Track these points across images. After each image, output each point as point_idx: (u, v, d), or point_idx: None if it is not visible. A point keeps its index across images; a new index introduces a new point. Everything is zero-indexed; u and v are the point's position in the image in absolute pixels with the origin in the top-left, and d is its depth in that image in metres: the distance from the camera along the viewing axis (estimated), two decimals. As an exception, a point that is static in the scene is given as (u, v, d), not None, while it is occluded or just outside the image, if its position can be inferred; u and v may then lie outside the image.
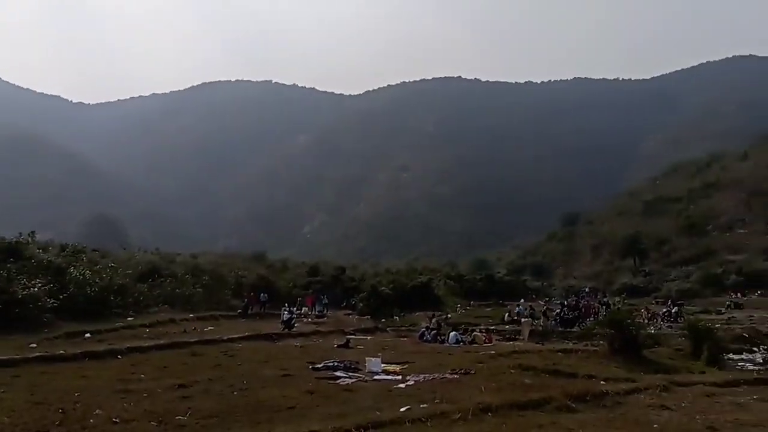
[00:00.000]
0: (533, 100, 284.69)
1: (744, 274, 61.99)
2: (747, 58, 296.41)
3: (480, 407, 10.22)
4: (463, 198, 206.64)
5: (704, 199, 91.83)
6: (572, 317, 35.66)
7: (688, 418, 9.98)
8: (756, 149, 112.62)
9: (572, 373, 14.72)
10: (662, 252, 78.83)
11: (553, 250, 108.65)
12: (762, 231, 74.33)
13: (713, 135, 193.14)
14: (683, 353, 24.05)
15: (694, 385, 13.43)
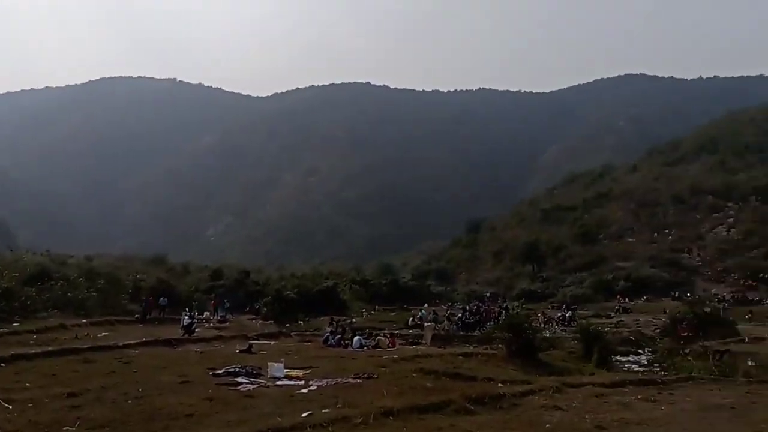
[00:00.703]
0: (440, 109, 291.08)
1: (632, 280, 65.67)
2: (637, 77, 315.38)
3: (382, 411, 10.32)
4: (370, 203, 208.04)
5: (597, 208, 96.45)
6: (473, 321, 36.60)
7: (578, 418, 10.45)
8: (644, 162, 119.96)
9: (472, 376, 15.12)
10: (559, 259, 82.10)
11: (457, 256, 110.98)
12: (648, 239, 78.95)
13: (606, 148, 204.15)
14: (576, 355, 25.19)
15: (585, 386, 14.08)
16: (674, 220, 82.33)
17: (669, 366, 23.36)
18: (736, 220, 77.01)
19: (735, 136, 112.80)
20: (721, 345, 27.57)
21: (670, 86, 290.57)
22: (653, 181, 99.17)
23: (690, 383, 15.50)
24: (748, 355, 24.52)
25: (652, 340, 33.73)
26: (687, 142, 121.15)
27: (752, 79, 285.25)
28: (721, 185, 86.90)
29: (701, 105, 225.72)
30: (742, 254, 68.29)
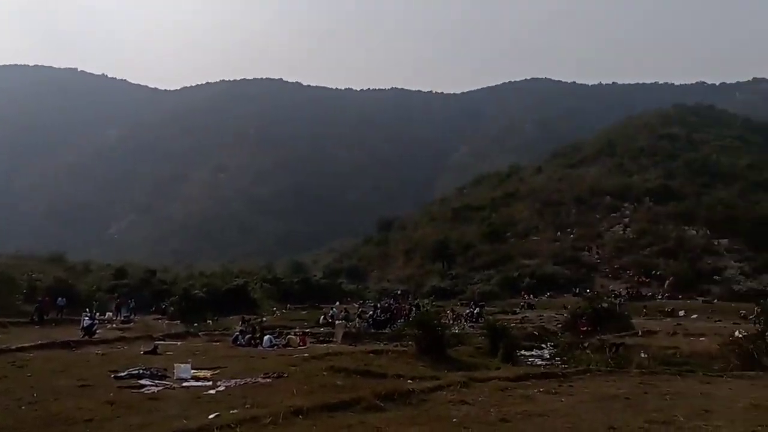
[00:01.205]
0: (353, 108, 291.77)
1: (536, 277, 68.12)
2: (543, 81, 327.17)
3: (291, 410, 10.25)
4: (281, 200, 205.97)
5: (505, 208, 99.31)
6: (384, 319, 36.89)
7: (484, 411, 10.75)
8: (549, 164, 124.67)
9: (382, 374, 15.26)
10: (468, 257, 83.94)
11: (369, 254, 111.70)
12: (552, 238, 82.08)
13: (514, 149, 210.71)
14: (483, 351, 25.86)
15: (490, 380, 14.49)
16: (576, 219, 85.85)
17: (569, 359, 24.38)
18: (632, 220, 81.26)
19: (631, 140, 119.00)
20: (616, 338, 29.09)
21: (572, 91, 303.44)
22: (557, 182, 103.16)
23: (588, 375, 16.22)
24: (641, 348, 26.00)
25: (555, 334, 35.10)
26: (588, 145, 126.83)
27: (647, 86, 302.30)
28: (618, 187, 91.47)
29: (601, 109, 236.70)
30: (636, 252, 72.06)
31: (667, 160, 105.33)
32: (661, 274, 65.20)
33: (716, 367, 18.45)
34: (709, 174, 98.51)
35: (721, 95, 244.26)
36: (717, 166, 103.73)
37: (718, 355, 20.11)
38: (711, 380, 15.10)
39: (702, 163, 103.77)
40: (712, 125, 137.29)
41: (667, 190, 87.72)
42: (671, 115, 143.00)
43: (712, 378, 15.56)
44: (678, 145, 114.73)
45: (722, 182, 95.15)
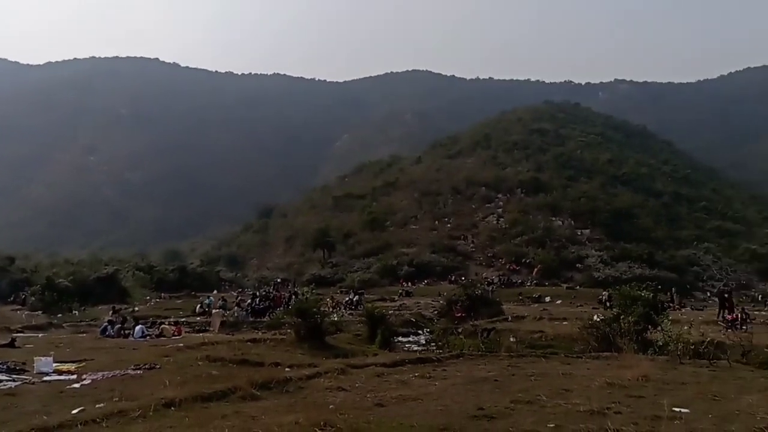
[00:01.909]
0: (233, 91, 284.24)
1: (414, 265, 69.66)
2: (423, 73, 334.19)
3: (163, 402, 9.91)
4: (156, 185, 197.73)
5: (385, 196, 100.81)
6: (263, 307, 36.52)
7: (360, 397, 10.90)
8: (428, 154, 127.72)
9: (260, 362, 15.09)
10: (348, 245, 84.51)
11: (249, 241, 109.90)
12: (430, 227, 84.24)
13: (395, 139, 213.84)
14: (361, 338, 26.22)
15: (368, 366, 14.70)
16: (452, 209, 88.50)
17: (444, 344, 25.18)
18: (504, 211, 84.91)
19: (505, 134, 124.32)
20: (488, 324, 30.44)
21: (452, 84, 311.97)
22: (435, 173, 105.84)
23: (461, 359, 16.84)
24: (511, 332, 27.35)
25: (431, 321, 36.21)
26: (465, 137, 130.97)
27: (521, 82, 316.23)
28: (492, 178, 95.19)
29: (478, 103, 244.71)
30: (508, 241, 75.39)
31: (538, 153, 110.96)
32: (530, 262, 68.62)
33: (576, 349, 19.74)
34: (574, 168, 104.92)
35: (586, 94, 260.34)
36: (581, 160, 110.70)
37: (579, 338, 21.46)
38: (571, 361, 16.12)
39: (568, 158, 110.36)
40: (578, 122, 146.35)
41: (537, 182, 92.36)
42: (542, 111, 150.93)
43: (572, 359, 16.63)
44: (547, 140, 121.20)
45: (586, 176, 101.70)
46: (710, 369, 14.22)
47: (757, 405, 9.30)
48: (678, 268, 68.70)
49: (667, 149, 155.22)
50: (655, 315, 19.19)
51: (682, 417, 8.69)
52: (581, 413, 9.06)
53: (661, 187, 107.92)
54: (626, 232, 77.90)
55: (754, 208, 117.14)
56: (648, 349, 17.26)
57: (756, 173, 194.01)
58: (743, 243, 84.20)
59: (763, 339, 18.05)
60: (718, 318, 29.34)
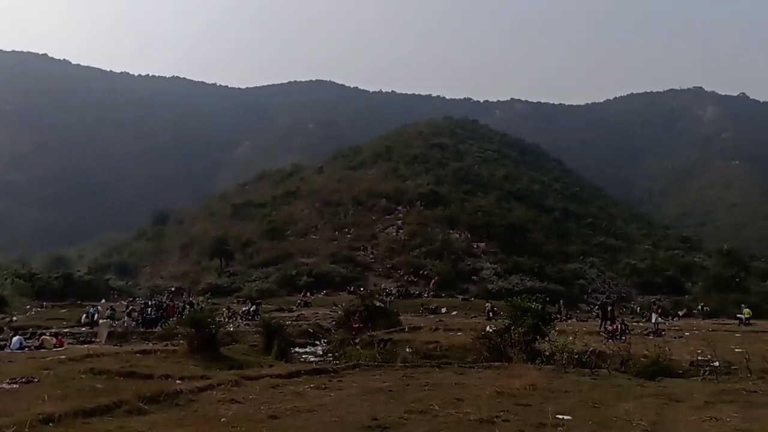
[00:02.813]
0: (129, 93, 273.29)
1: (314, 276, 69.22)
2: (327, 83, 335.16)
3: (40, 418, 9.33)
4: (41, 187, 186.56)
5: (285, 206, 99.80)
6: (155, 317, 35.24)
7: (254, 409, 10.72)
8: (330, 164, 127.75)
9: (149, 375, 14.54)
10: (246, 254, 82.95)
11: (141, 249, 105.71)
12: (330, 237, 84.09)
13: (297, 148, 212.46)
14: (257, 349, 25.78)
15: (263, 378, 14.48)
16: (353, 220, 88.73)
17: (341, 355, 25.19)
18: (404, 222, 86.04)
19: (406, 147, 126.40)
20: (385, 334, 30.69)
21: (355, 95, 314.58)
22: (337, 183, 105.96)
23: (357, 370, 16.90)
24: (407, 343, 27.71)
25: (329, 331, 36.11)
26: (367, 149, 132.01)
27: (422, 97, 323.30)
28: (393, 190, 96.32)
29: (380, 115, 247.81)
30: (407, 253, 76.30)
31: (437, 167, 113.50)
32: (428, 274, 69.74)
33: (469, 359, 20.26)
34: (471, 182, 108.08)
35: (484, 112, 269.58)
36: (479, 175, 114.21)
37: (472, 348, 22.04)
38: (464, 371, 16.55)
39: (466, 172, 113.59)
40: (476, 138, 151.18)
41: (436, 195, 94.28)
42: (442, 126, 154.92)
43: (465, 369, 17.06)
44: (447, 154, 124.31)
45: (482, 191, 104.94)
46: (592, 377, 14.99)
47: (633, 411, 9.89)
48: (565, 281, 72.03)
49: (558, 167, 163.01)
50: (543, 326, 19.98)
51: (565, 424, 9.11)
52: (471, 422, 9.31)
53: (552, 204, 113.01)
54: (519, 245, 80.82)
55: (634, 225, 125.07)
56: (536, 358, 17.98)
57: (636, 193, 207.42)
58: (624, 258, 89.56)
59: (640, 349, 19.18)
60: (600, 329, 30.94)
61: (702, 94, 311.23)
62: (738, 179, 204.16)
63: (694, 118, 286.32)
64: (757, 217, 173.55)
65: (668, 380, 15.31)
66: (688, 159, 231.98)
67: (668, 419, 9.62)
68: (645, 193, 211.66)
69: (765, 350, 18.24)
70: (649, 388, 13.47)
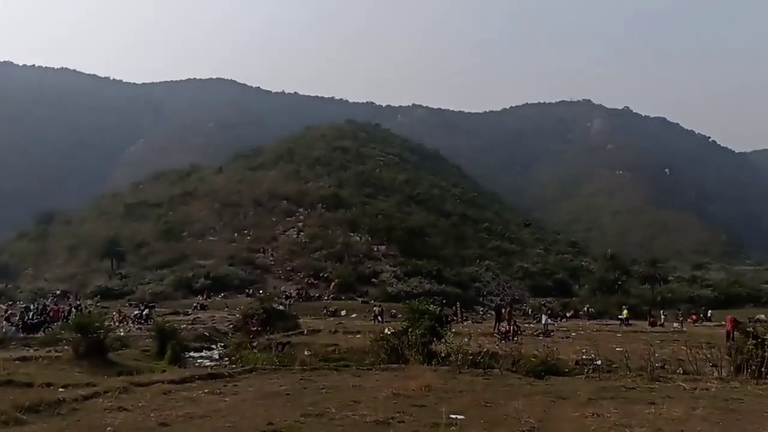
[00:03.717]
0: (13, 85, 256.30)
1: (212, 278, 67.51)
2: (228, 82, 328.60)
3: None
4: None
5: (183, 206, 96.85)
6: (38, 322, 33.26)
7: (143, 417, 10.31)
8: (230, 165, 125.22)
9: (28, 383, 13.66)
10: (140, 255, 79.91)
11: (24, 250, 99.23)
12: (229, 239, 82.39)
13: (195, 148, 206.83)
14: (149, 354, 24.87)
15: (154, 384, 13.95)
16: (253, 221, 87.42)
17: (237, 359, 24.72)
18: (305, 225, 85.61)
19: (308, 149, 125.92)
20: (284, 337, 30.43)
21: (257, 96, 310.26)
22: (237, 184, 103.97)
23: (254, 374, 16.61)
24: (306, 346, 27.58)
25: (226, 335, 35.35)
26: (268, 150, 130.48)
27: (325, 99, 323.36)
28: (294, 192, 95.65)
29: (282, 117, 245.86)
30: (307, 255, 76.01)
31: (339, 170, 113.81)
32: (328, 277, 69.74)
33: (367, 361, 20.38)
34: (373, 186, 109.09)
35: (386, 116, 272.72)
36: (380, 179, 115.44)
37: (370, 350, 22.19)
38: (362, 373, 16.61)
39: (368, 176, 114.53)
40: (378, 142, 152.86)
41: (337, 198, 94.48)
42: (345, 129, 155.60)
43: (363, 371, 17.13)
44: (349, 158, 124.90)
45: (383, 194, 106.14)
46: (485, 377, 15.45)
47: (522, 409, 10.27)
48: (462, 283, 74.08)
49: (457, 173, 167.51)
50: (440, 328, 20.40)
51: (458, 423, 9.33)
52: (368, 424, 9.37)
53: (451, 209, 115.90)
54: (418, 249, 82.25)
55: (527, 230, 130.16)
56: (432, 360, 18.32)
57: (530, 199, 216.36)
58: (518, 262, 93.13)
59: (531, 349, 19.98)
60: (494, 330, 31.98)
61: (590, 107, 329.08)
62: (622, 188, 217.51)
63: (583, 129, 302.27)
64: (639, 224, 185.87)
65: (555, 379, 16.00)
66: (577, 168, 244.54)
67: (554, 416, 10.06)
68: (537, 200, 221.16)
69: (642, 349, 19.45)
70: (538, 387, 14.03)
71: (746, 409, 10.65)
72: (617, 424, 9.22)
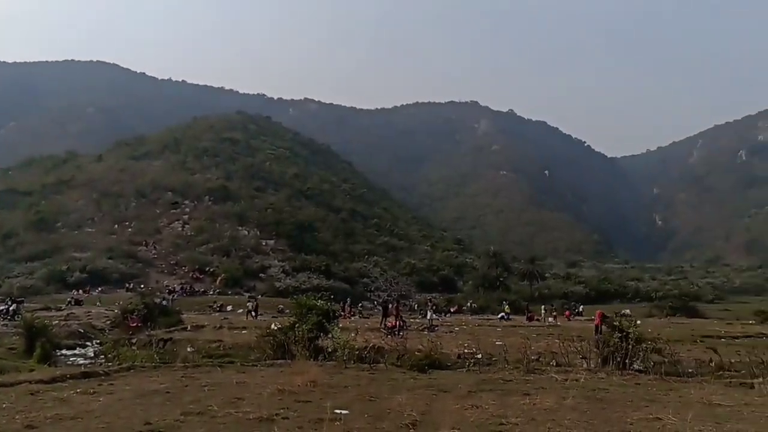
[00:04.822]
0: None
1: (88, 272, 64.26)
2: (111, 66, 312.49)
3: None
4: None
5: (57, 195, 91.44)
6: None
7: (8, 419, 9.66)
8: (111, 153, 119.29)
9: None
10: (8, 246, 74.70)
11: None
12: (108, 230, 78.66)
13: (73, 134, 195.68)
14: (16, 352, 23.33)
15: (20, 384, 13.09)
16: (135, 213, 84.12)
17: (114, 357, 23.64)
18: (191, 217, 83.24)
19: (196, 140, 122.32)
20: (165, 333, 29.42)
21: (142, 82, 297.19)
22: (118, 173, 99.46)
23: (132, 372, 15.95)
24: (189, 342, 26.79)
25: (102, 331, 33.68)
26: (153, 139, 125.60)
27: (214, 89, 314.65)
28: (180, 184, 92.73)
29: (169, 105, 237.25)
30: (193, 249, 74.03)
31: (228, 162, 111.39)
32: (215, 271, 68.23)
33: (253, 357, 20.10)
34: (263, 179, 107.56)
35: (278, 109, 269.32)
36: (270, 172, 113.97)
37: (256, 346, 21.88)
38: (247, 370, 16.36)
39: (258, 169, 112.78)
40: (269, 135, 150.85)
41: (225, 191, 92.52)
42: (234, 120, 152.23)
43: (248, 368, 16.88)
44: (238, 150, 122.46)
45: (273, 188, 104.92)
46: (370, 372, 15.64)
47: (406, 403, 10.48)
48: (351, 279, 74.62)
49: (348, 169, 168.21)
50: (327, 323, 20.44)
51: (342, 418, 9.39)
52: (251, 421, 9.24)
53: (341, 204, 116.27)
54: (308, 244, 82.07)
55: (415, 227, 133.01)
56: (319, 355, 18.34)
57: (418, 196, 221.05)
58: (406, 258, 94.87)
59: (416, 344, 20.39)
60: (380, 325, 32.40)
61: (477, 108, 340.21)
62: (505, 188, 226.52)
63: (470, 129, 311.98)
64: (520, 223, 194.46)
65: (439, 372, 16.42)
66: (464, 167, 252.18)
67: (436, 409, 10.34)
68: (426, 197, 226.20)
69: (520, 343, 20.31)
70: (422, 381, 14.35)
71: (611, 398, 11.41)
72: (494, 415, 9.60)
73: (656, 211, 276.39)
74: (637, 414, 9.60)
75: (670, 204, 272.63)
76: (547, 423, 8.87)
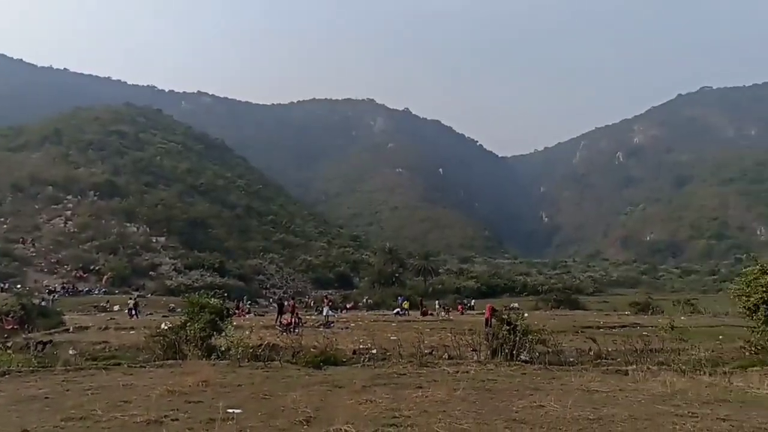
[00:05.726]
0: None
1: (-44, 271, 59.70)
2: None
3: None
4: None
5: None
6: None
7: None
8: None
9: None
10: None
11: None
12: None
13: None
14: None
15: None
16: (11, 208, 78.79)
17: (-13, 362, 22.08)
18: (74, 213, 78.97)
19: (80, 132, 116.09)
20: (45, 336, 27.78)
21: (18, 69, 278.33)
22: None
23: (7, 378, 15.01)
24: (71, 344, 25.42)
25: (-27, 335, 31.41)
26: (31, 130, 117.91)
27: (100, 79, 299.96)
28: (62, 178, 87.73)
29: (49, 94, 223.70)
30: (76, 246, 70.32)
31: (115, 156, 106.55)
32: (100, 269, 65.21)
33: (141, 358, 19.37)
34: (153, 174, 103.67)
35: (169, 102, 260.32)
36: (161, 167, 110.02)
37: (145, 347, 21.12)
38: (134, 371, 15.75)
39: (147, 163, 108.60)
40: (159, 128, 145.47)
41: (112, 185, 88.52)
42: (122, 112, 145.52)
43: (135, 369, 16.25)
44: (126, 143, 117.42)
45: (164, 183, 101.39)
46: (264, 370, 15.48)
47: (300, 400, 10.46)
48: (246, 276, 73.43)
49: (243, 164, 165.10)
50: (220, 321, 20.03)
51: (235, 417, 9.25)
52: (138, 424, 8.93)
53: (235, 200, 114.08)
54: (201, 241, 79.99)
55: (311, 223, 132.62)
56: (212, 354, 17.95)
57: (314, 193, 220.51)
58: (302, 255, 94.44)
59: (311, 341, 20.38)
60: (276, 323, 32.11)
61: (374, 106, 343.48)
62: (400, 185, 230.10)
63: (367, 127, 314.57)
64: (414, 220, 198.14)
65: (334, 368, 16.48)
66: (361, 164, 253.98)
67: (330, 404, 10.38)
68: (322, 194, 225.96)
69: (414, 337, 20.72)
70: (316, 377, 14.36)
71: (499, 388, 11.89)
72: (388, 409, 9.76)
73: (543, 208, 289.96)
74: (522, 402, 10.06)
75: (555, 202, 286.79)
76: (438, 414, 9.13)
